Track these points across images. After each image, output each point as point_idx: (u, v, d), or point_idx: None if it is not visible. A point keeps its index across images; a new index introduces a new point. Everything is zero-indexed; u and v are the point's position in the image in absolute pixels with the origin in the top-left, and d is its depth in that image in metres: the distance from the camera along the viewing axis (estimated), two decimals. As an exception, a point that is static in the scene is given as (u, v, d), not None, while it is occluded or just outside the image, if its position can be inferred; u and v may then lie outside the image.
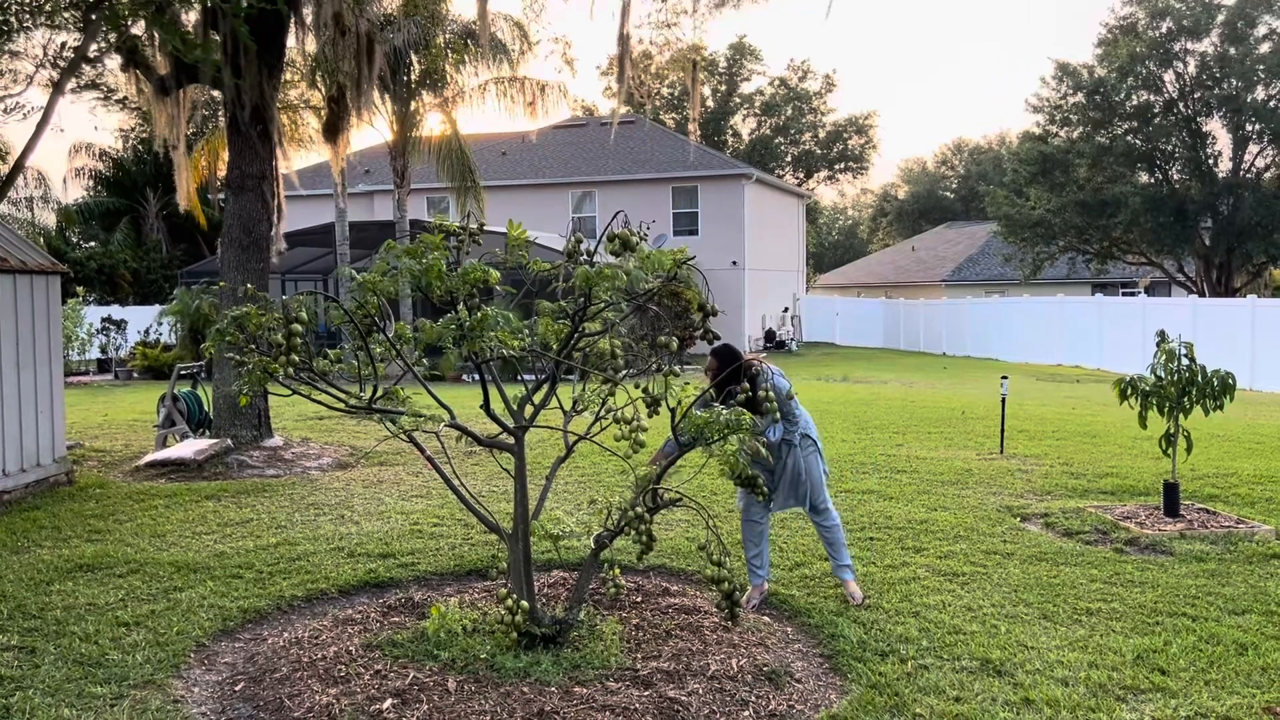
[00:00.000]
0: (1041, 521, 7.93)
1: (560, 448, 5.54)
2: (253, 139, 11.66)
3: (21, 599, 6.00)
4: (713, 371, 5.79)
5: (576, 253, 4.77)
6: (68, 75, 11.31)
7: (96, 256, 33.56)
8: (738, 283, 32.03)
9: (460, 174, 23.85)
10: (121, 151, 38.18)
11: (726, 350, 5.83)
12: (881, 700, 4.50)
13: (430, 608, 5.45)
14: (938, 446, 11.80)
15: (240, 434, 11.44)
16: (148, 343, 25.41)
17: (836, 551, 6.17)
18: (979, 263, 45.08)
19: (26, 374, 9.23)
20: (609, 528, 5.01)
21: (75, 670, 4.88)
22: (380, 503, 8.79)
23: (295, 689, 4.58)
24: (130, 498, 9.06)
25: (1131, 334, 24.30)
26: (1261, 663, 4.92)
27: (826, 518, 6.19)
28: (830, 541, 6.20)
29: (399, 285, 4.77)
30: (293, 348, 4.53)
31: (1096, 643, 5.21)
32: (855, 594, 5.98)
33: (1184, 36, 32.62)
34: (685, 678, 4.63)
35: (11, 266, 9.02)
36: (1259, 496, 8.73)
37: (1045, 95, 35.40)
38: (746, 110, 60.94)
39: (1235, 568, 6.55)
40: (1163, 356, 7.78)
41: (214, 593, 6.12)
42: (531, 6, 24.47)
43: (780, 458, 6.07)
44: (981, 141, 74.50)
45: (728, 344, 5.86)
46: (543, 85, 24.25)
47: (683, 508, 7.18)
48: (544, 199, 33.57)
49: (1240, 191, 32.50)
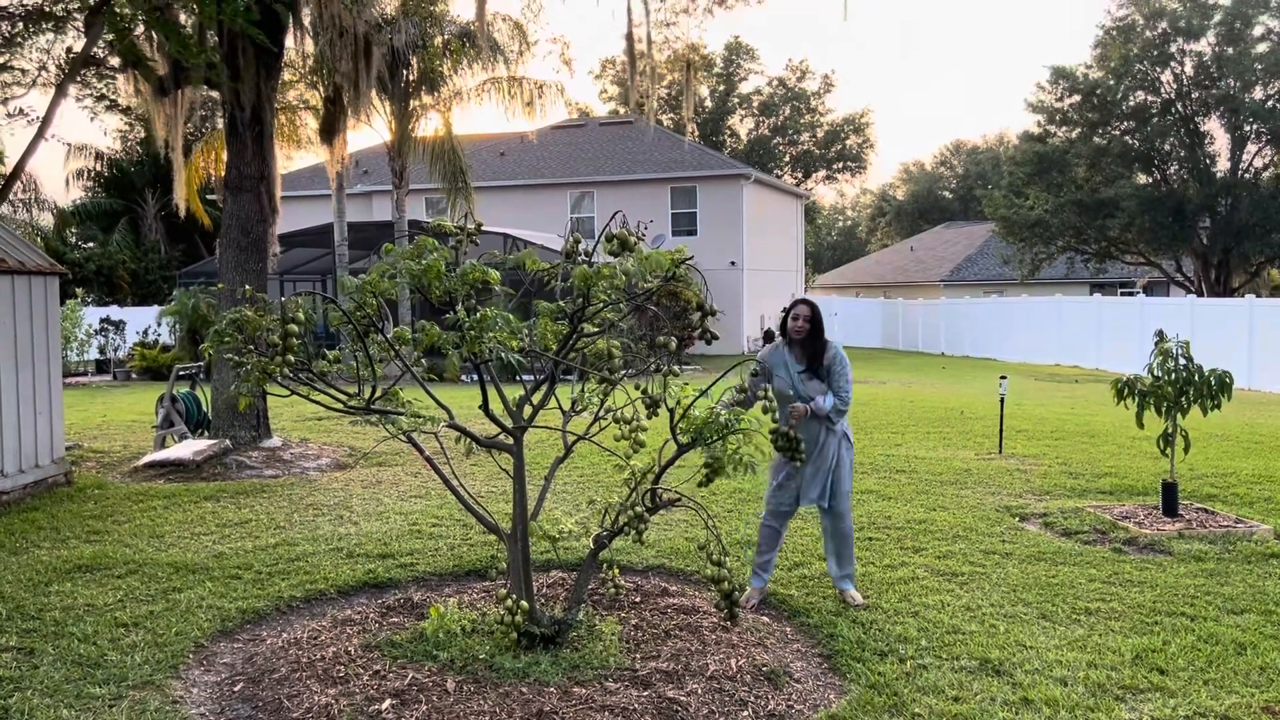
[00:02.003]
0: (1040, 521, 7.93)
1: (559, 448, 5.54)
2: (250, 140, 11.66)
3: (20, 600, 6.00)
4: (805, 320, 5.81)
5: (575, 253, 4.77)
6: (69, 78, 11.32)
7: (95, 257, 33.54)
8: (736, 283, 32.04)
9: (453, 175, 23.87)
10: (120, 153, 38.18)
11: (814, 305, 5.94)
12: (880, 700, 4.50)
13: (429, 608, 5.45)
14: (936, 446, 11.80)
15: (239, 435, 11.43)
16: (146, 343, 25.40)
17: (844, 560, 6.04)
18: (977, 263, 45.08)
19: (25, 374, 9.22)
20: (608, 528, 5.01)
21: (74, 671, 4.88)
22: (379, 503, 8.79)
23: (294, 689, 4.58)
24: (129, 499, 9.06)
25: (1129, 334, 24.32)
26: (1260, 662, 4.93)
27: (842, 521, 6.05)
28: (839, 549, 6.04)
29: (399, 288, 4.77)
30: (289, 348, 4.53)
31: (1095, 642, 5.21)
32: (856, 598, 5.92)
33: (1181, 37, 32.64)
34: (684, 678, 4.63)
35: (10, 267, 9.01)
36: (1257, 496, 8.74)
37: (1042, 98, 35.42)
38: (745, 110, 60.99)
39: (1234, 567, 6.55)
40: (1160, 356, 7.79)
41: (213, 593, 6.11)
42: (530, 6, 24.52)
43: (818, 442, 5.91)
44: (980, 142, 74.61)
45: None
46: (541, 85, 24.27)
47: (682, 508, 7.18)
48: (542, 199, 33.57)
49: (1238, 191, 32.51)
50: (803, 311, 5.88)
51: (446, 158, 23.90)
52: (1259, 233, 31.96)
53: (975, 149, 73.60)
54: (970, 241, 48.18)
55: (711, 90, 58.81)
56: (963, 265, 45.40)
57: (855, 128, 60.97)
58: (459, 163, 23.90)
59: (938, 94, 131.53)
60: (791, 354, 5.91)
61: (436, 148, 24.14)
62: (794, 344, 5.90)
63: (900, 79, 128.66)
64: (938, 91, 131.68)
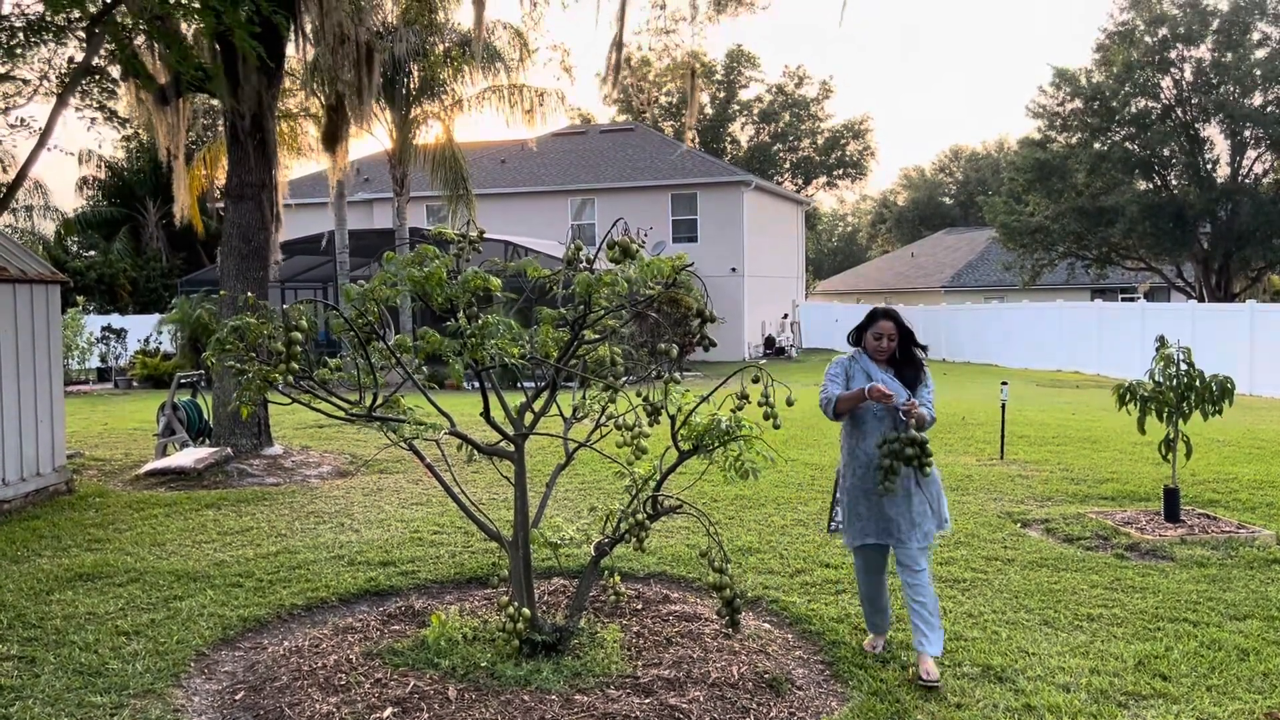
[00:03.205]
0: (1042, 527, 7.93)
1: (560, 455, 5.54)
2: (252, 148, 11.68)
3: (21, 608, 5.99)
4: (891, 339, 4.94)
5: (576, 260, 4.78)
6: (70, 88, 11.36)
7: (96, 265, 33.58)
8: (737, 289, 32.04)
9: (454, 183, 23.90)
10: (121, 161, 38.25)
11: (897, 315, 5.03)
12: (883, 707, 4.49)
13: (431, 616, 5.45)
14: (937, 452, 11.72)
15: (240, 442, 11.44)
16: (147, 351, 25.41)
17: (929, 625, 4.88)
18: (978, 269, 45.12)
19: (26, 383, 9.23)
20: (609, 535, 5.00)
21: (75, 679, 4.87)
22: (380, 510, 8.79)
23: (295, 698, 4.57)
24: (130, 506, 9.06)
25: (1131, 339, 24.29)
26: (1263, 668, 4.92)
27: (913, 574, 4.92)
28: (920, 606, 4.88)
29: (401, 296, 4.77)
30: (293, 355, 4.53)
31: (1098, 649, 5.20)
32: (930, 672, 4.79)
33: (1180, 43, 32.69)
34: (686, 685, 4.63)
35: (11, 276, 9.02)
36: (1259, 501, 8.73)
37: (1043, 103, 35.48)
38: (745, 117, 61.07)
39: (1236, 573, 6.54)
40: (1161, 362, 7.79)
41: (214, 601, 6.11)
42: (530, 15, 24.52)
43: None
44: (980, 148, 74.70)
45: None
46: (541, 93, 24.32)
47: (683, 514, 7.17)
48: (544, 206, 33.60)
49: (1238, 197, 32.54)
50: (886, 329, 4.95)
51: (447, 165, 23.94)
52: (1259, 238, 31.98)
53: (975, 155, 73.68)
54: (971, 247, 48.23)
55: (712, 97, 58.90)
56: (964, 271, 45.43)
57: (855, 133, 61.06)
58: (460, 170, 23.93)
59: (937, 98, 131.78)
60: (875, 366, 5.05)
61: (437, 155, 24.18)
62: (877, 363, 5.05)
63: (900, 83, 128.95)
64: (937, 95, 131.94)
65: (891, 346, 4.95)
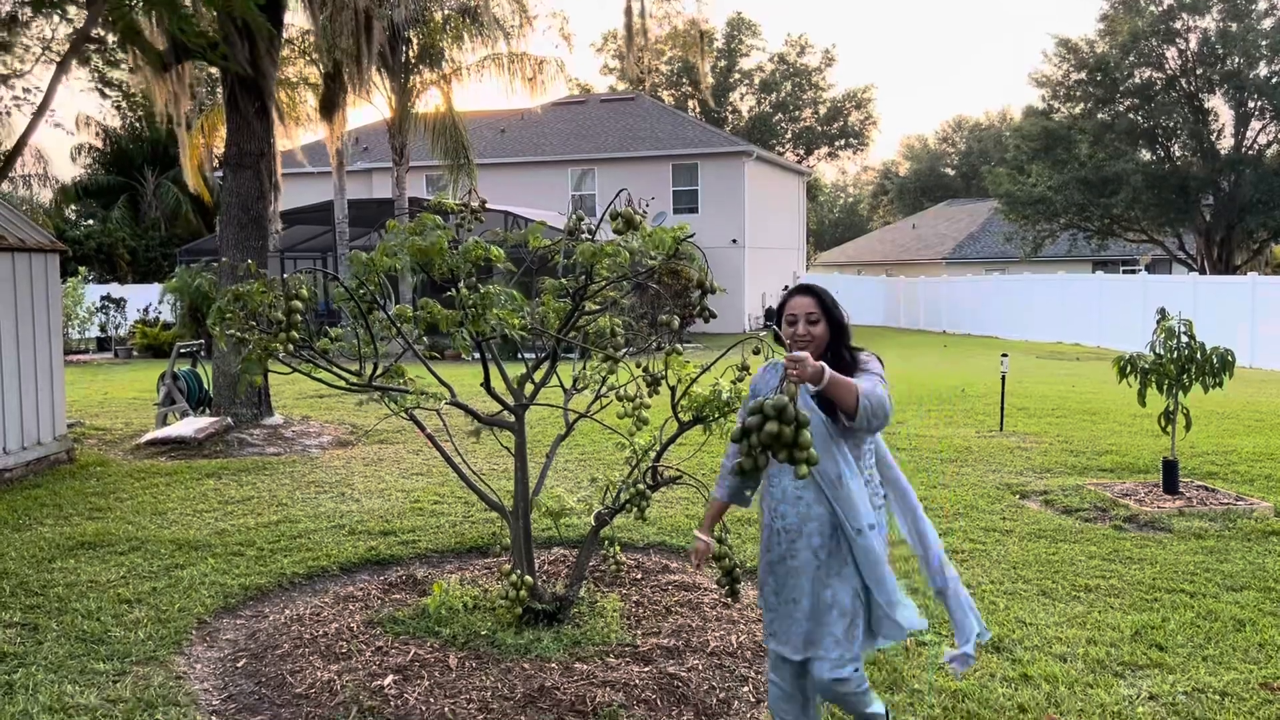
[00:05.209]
0: (1041, 499, 7.95)
1: (560, 426, 5.55)
2: (251, 116, 11.60)
3: (24, 576, 6.02)
4: (812, 318, 3.54)
5: (577, 230, 4.76)
6: (70, 56, 11.26)
7: (95, 234, 33.49)
8: (738, 260, 31.96)
9: (455, 152, 23.77)
10: (120, 129, 38.06)
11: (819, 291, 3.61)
12: (879, 676, 4.52)
13: (431, 585, 5.48)
14: (937, 424, 11.81)
15: (240, 412, 11.45)
16: (147, 321, 25.40)
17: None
18: (980, 240, 44.96)
19: (26, 352, 9.22)
20: (609, 505, 5.02)
21: (77, 647, 4.90)
22: (381, 480, 8.81)
23: (297, 665, 4.60)
24: (131, 475, 9.08)
25: (1132, 311, 24.28)
26: (1259, 639, 4.94)
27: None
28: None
29: (402, 265, 4.76)
30: (293, 325, 4.52)
31: (1095, 619, 5.23)
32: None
33: (1186, 13, 32.41)
34: (685, 653, 4.66)
35: (10, 245, 8.99)
36: (1258, 474, 8.75)
37: (1048, 72, 35.23)
38: (746, 87, 60.68)
39: (1234, 545, 6.57)
40: (1162, 334, 7.78)
41: (215, 570, 6.14)
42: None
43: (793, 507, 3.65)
44: (983, 118, 74.26)
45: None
46: (541, 61, 24.16)
47: (683, 485, 7.19)
48: (544, 176, 33.44)
49: (1242, 168, 32.38)
50: (801, 306, 3.50)
51: (448, 134, 23.80)
52: (1262, 209, 31.86)
53: (978, 125, 73.27)
54: (973, 219, 48.02)
55: (713, 67, 58.51)
56: (965, 243, 45.27)
57: (857, 103, 60.71)
58: (461, 139, 23.79)
59: (941, 67, 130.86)
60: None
61: (437, 124, 24.03)
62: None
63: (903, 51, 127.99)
64: (941, 64, 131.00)
65: (812, 332, 3.48)
